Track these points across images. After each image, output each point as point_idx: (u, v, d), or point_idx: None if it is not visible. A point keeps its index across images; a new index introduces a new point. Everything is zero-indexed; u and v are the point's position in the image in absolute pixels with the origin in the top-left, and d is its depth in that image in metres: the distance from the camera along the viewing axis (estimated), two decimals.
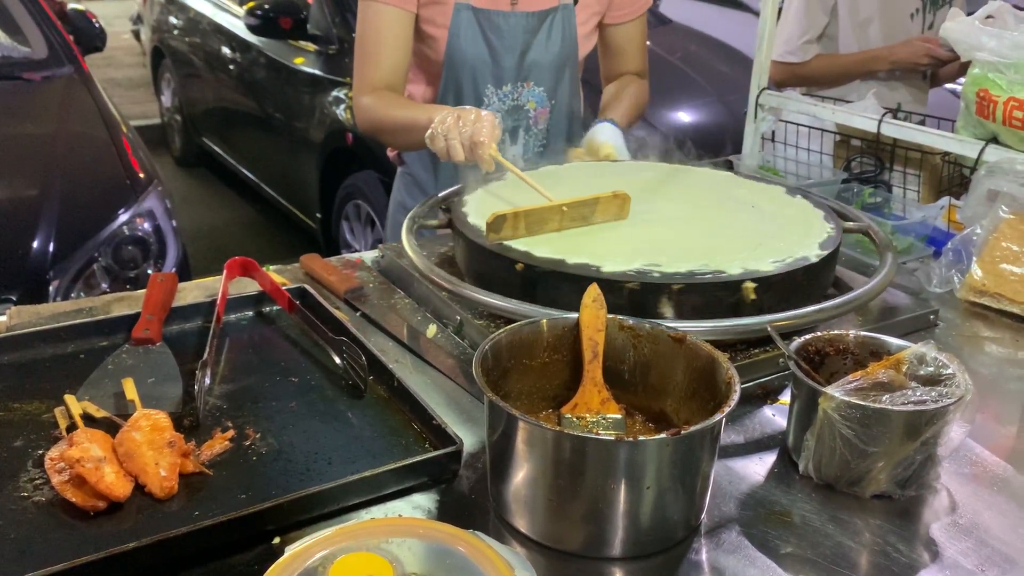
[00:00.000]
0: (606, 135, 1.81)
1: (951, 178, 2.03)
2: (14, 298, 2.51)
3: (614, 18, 1.96)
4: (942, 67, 2.70)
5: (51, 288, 2.61)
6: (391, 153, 2.06)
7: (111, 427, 1.07)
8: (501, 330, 1.08)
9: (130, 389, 1.15)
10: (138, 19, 8.17)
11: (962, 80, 1.97)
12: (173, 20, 6.00)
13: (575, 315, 1.10)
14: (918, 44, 2.61)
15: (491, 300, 1.29)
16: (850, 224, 1.57)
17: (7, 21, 3.81)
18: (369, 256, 1.68)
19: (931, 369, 1.07)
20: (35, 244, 2.66)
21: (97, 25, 4.43)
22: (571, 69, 1.93)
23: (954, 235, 1.65)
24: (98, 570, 0.85)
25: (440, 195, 1.67)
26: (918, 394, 1.01)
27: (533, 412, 1.10)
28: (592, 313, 1.09)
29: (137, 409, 1.09)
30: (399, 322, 1.41)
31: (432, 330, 1.39)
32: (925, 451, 1.01)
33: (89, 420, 1.10)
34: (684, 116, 4.10)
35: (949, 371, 1.06)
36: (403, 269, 1.52)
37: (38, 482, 1.00)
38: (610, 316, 1.10)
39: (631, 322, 1.11)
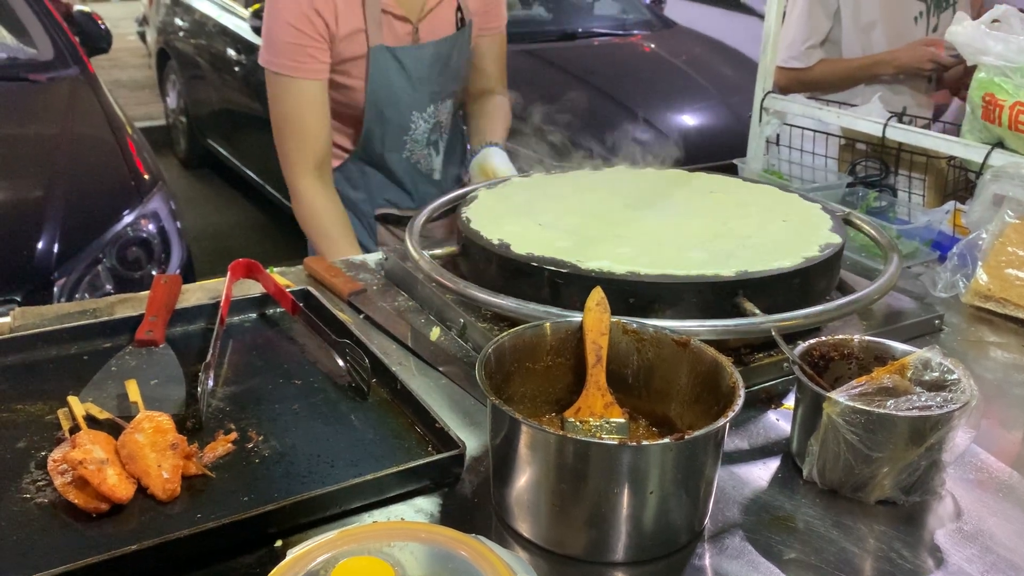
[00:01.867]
0: (498, 160, 1.94)
1: (956, 182, 2.03)
2: (19, 299, 2.52)
3: (486, 28, 2.07)
4: (946, 72, 2.70)
5: (55, 289, 2.62)
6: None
7: (114, 429, 1.07)
8: (504, 333, 1.08)
9: (133, 391, 1.15)
10: (144, 21, 8.18)
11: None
12: (179, 22, 6.02)
13: (579, 318, 1.10)
14: (921, 49, 2.60)
15: (495, 300, 1.28)
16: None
17: (13, 22, 3.82)
18: (373, 258, 1.68)
19: (936, 374, 1.06)
20: (40, 245, 2.66)
21: (103, 26, 4.44)
22: (464, 80, 2.08)
23: (959, 239, 1.65)
24: (100, 572, 0.85)
25: (438, 201, 1.67)
26: (923, 399, 1.01)
27: (536, 416, 1.10)
28: (596, 317, 1.09)
29: (140, 411, 1.09)
30: (403, 325, 1.41)
31: (436, 333, 1.39)
32: (930, 457, 1.01)
33: (92, 422, 1.10)
34: (688, 119, 4.10)
35: (954, 376, 1.05)
36: (407, 271, 1.52)
37: (41, 484, 1.00)
38: (614, 319, 1.10)
39: (635, 326, 1.10)
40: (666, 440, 0.89)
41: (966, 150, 1.78)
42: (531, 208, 1.52)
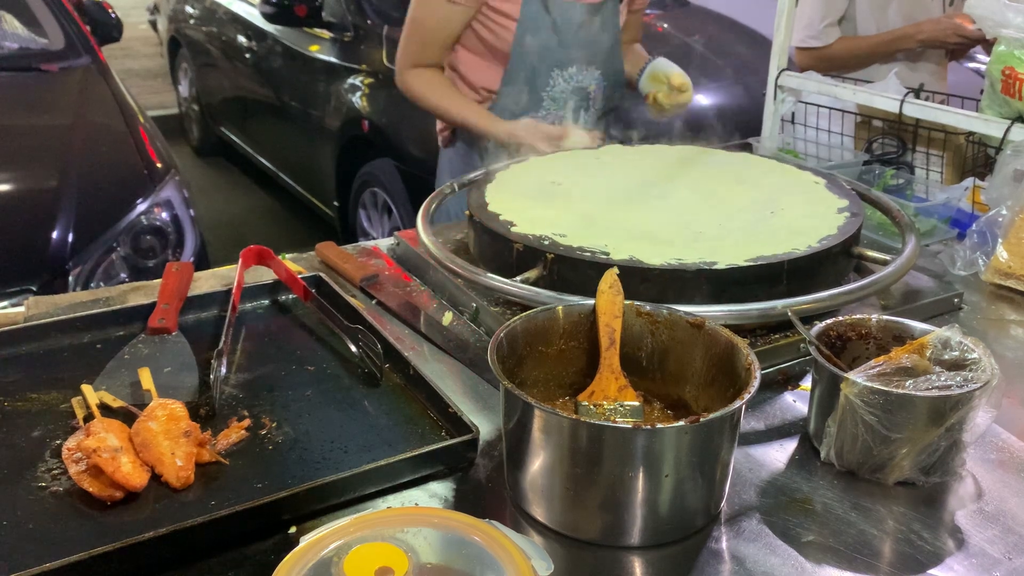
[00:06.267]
0: (671, 66, 2.03)
1: (975, 158, 2.00)
2: (35, 288, 2.53)
3: (632, 8, 2.16)
4: (972, 46, 2.65)
5: (71, 278, 2.63)
6: (443, 134, 2.17)
7: (128, 417, 1.07)
8: (516, 317, 1.07)
9: (146, 379, 1.15)
10: (155, 9, 8.19)
11: (981, 56, 1.93)
12: (189, 9, 6.01)
13: (591, 302, 1.09)
14: (946, 22, 2.56)
15: (506, 286, 1.27)
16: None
17: (24, 12, 3.83)
18: (385, 244, 1.68)
19: (956, 353, 1.05)
20: (54, 234, 2.67)
21: (114, 15, 4.44)
22: (618, 53, 2.10)
23: (979, 217, 1.62)
24: (115, 560, 0.85)
25: (458, 181, 1.66)
26: (942, 379, 0.99)
27: (549, 400, 1.09)
28: (609, 299, 1.08)
29: (153, 399, 1.09)
30: (415, 310, 1.40)
31: (448, 317, 1.38)
32: (950, 437, 0.99)
33: (106, 410, 1.10)
34: (703, 98, 4.05)
35: (974, 355, 1.03)
36: (419, 256, 1.51)
37: (56, 472, 1.00)
38: (627, 302, 1.09)
39: (648, 308, 1.09)
40: (681, 423, 0.88)
41: (985, 125, 1.75)
42: (551, 190, 1.51)
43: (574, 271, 1.12)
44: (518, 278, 1.27)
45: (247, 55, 5.09)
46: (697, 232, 1.36)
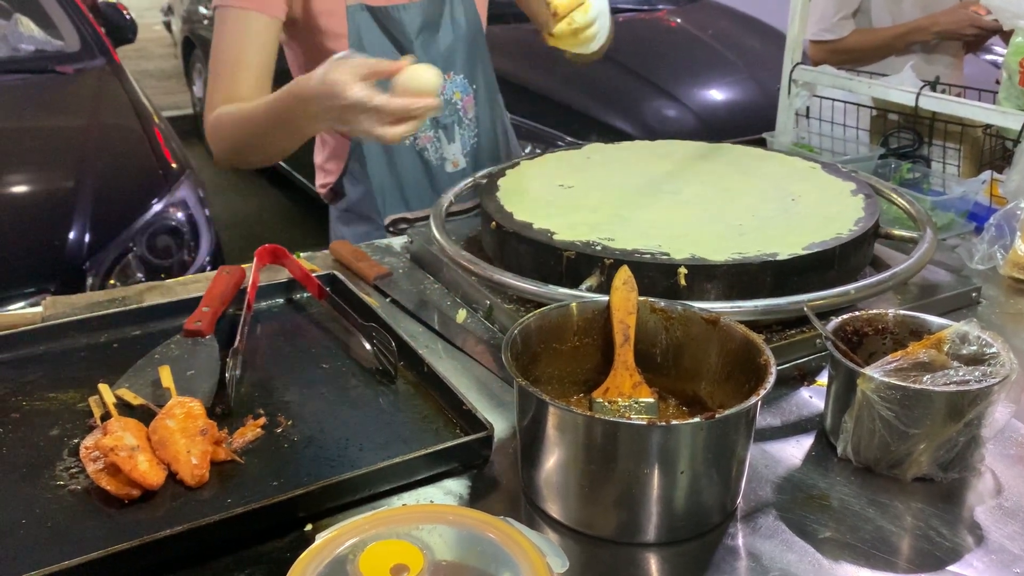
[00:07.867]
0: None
1: (993, 151, 1.98)
2: (52, 289, 2.55)
3: None
4: (988, 38, 2.63)
5: (88, 279, 2.65)
6: (322, 190, 1.94)
7: (147, 414, 1.08)
8: (530, 314, 1.07)
9: (166, 377, 1.16)
10: (169, 10, 8.24)
11: (998, 48, 1.92)
12: (203, 10, 6.05)
13: (605, 298, 1.09)
14: (961, 13, 2.54)
15: (521, 284, 1.27)
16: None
17: (40, 15, 3.86)
18: (398, 242, 1.68)
19: (974, 348, 1.04)
20: (71, 235, 2.69)
21: (128, 17, 4.48)
22: (481, 47, 1.84)
23: (996, 210, 1.61)
24: (132, 558, 0.86)
25: (463, 183, 1.66)
26: (960, 374, 0.98)
27: (564, 397, 1.09)
28: (623, 296, 1.08)
29: (172, 397, 1.10)
30: (429, 307, 1.41)
31: (462, 315, 1.38)
32: (968, 432, 0.98)
33: (126, 408, 1.11)
34: (716, 94, 4.04)
35: (993, 350, 1.02)
36: (432, 254, 1.51)
37: (74, 471, 1.01)
38: (641, 298, 1.09)
39: (663, 304, 1.09)
40: (696, 419, 0.88)
41: (1003, 118, 1.73)
42: (565, 194, 1.50)
43: (636, 275, 1.10)
44: (583, 286, 1.24)
45: None
46: (737, 225, 1.35)
